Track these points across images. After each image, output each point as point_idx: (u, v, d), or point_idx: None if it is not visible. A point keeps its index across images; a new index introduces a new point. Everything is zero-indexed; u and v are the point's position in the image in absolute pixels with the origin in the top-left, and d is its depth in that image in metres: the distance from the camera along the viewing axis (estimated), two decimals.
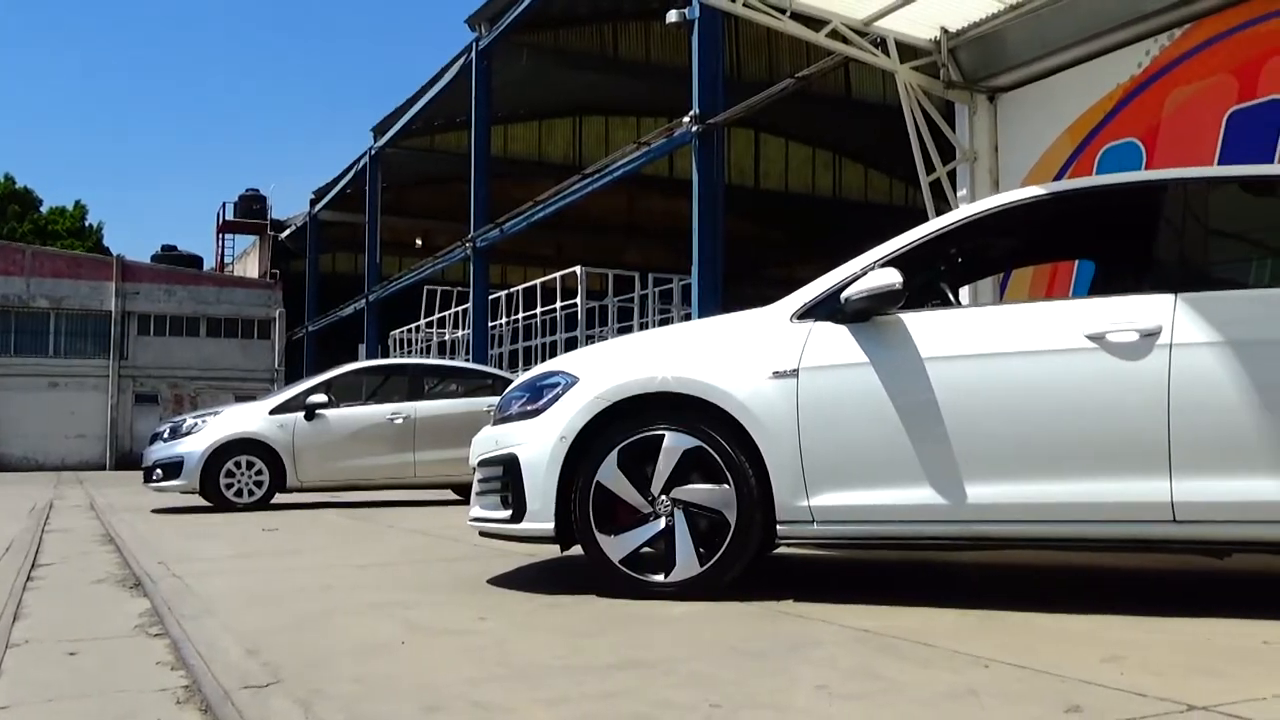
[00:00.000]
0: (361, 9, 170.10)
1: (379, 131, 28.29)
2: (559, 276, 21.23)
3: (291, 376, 31.64)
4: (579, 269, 20.61)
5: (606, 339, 14.87)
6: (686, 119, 14.16)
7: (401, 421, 10.49)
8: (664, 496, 3.70)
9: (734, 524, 3.63)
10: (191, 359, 36.48)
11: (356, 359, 25.14)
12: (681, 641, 3.07)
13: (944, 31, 8.39)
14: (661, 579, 3.70)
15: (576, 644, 3.06)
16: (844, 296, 3.63)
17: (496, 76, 22.49)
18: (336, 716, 2.29)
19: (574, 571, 4.34)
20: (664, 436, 3.71)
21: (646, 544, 3.74)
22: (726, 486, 3.64)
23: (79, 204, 48.96)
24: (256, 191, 40.93)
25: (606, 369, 3.92)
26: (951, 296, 4.17)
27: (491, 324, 23.02)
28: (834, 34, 8.28)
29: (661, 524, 3.71)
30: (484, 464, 4.17)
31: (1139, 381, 3.34)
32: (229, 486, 9.90)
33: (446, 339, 26.54)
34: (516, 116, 29.63)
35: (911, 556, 4.94)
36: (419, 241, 33.29)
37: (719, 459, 3.65)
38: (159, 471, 10.12)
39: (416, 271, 27.20)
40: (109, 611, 3.89)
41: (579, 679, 2.59)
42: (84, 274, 35.79)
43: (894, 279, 3.53)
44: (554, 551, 4.11)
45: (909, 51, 8.61)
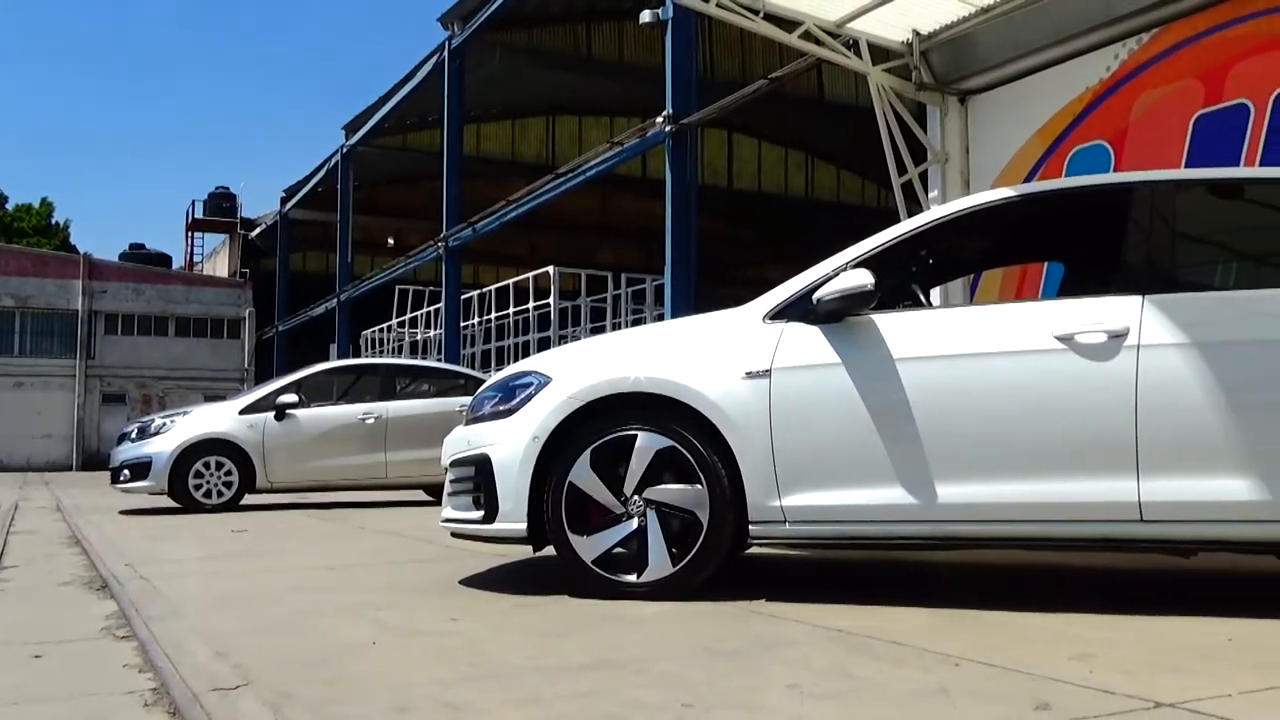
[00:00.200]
0: (333, 7, 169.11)
1: (351, 130, 28.14)
2: (532, 276, 21.21)
3: (262, 376, 31.38)
4: (552, 269, 20.61)
5: (579, 339, 14.85)
6: (660, 119, 14.19)
7: (373, 422, 10.44)
8: (636, 497, 3.70)
9: (706, 524, 3.63)
10: (160, 359, 36.16)
11: (328, 359, 24.84)
12: (653, 641, 3.08)
13: (916, 34, 8.44)
14: (634, 579, 3.70)
15: (548, 644, 3.05)
16: (816, 297, 3.65)
17: (469, 75, 22.48)
18: (306, 718, 2.27)
19: (546, 572, 4.33)
20: (637, 437, 3.71)
21: (619, 544, 3.73)
22: (699, 486, 3.64)
23: (45, 201, 48.40)
24: (226, 190, 40.66)
25: (579, 369, 3.92)
26: (923, 297, 4.21)
27: (464, 324, 22.95)
28: (807, 35, 8.32)
29: (634, 524, 3.71)
30: (456, 464, 4.15)
31: (1107, 382, 3.38)
32: (198, 487, 9.81)
33: (419, 339, 26.45)
34: (489, 115, 29.57)
35: (884, 556, 4.97)
36: (391, 241, 33.21)
37: (692, 459, 3.65)
38: (126, 472, 10.02)
39: (388, 271, 27.09)
40: (75, 614, 3.84)
41: (551, 679, 2.59)
42: (50, 272, 35.38)
43: (866, 280, 3.55)
44: (526, 552, 4.10)
45: (881, 53, 8.65)
